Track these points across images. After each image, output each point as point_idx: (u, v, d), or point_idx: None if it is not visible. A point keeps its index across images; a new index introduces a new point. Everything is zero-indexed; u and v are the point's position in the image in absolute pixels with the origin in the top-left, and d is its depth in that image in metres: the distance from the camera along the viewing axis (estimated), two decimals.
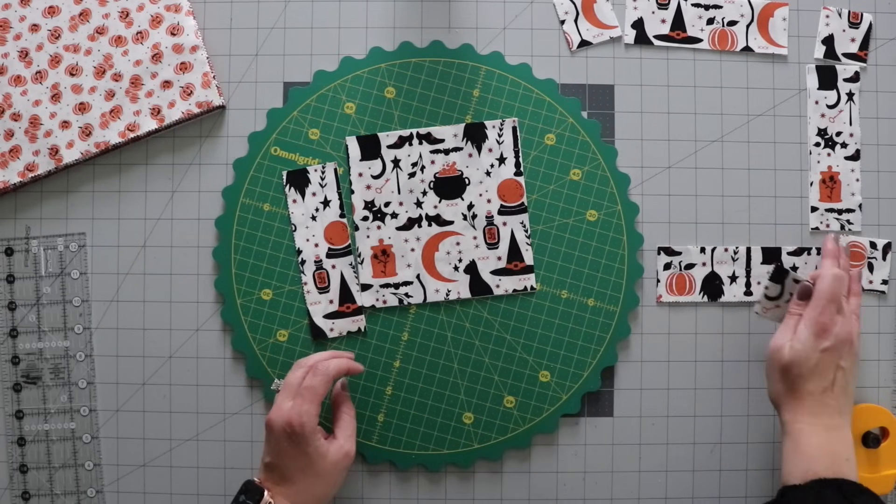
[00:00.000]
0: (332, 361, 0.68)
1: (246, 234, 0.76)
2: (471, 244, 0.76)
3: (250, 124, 0.78)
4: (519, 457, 0.77)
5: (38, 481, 0.76)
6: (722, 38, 0.78)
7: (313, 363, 0.68)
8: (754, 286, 0.77)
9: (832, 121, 0.78)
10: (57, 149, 0.75)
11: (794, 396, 0.66)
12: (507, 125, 0.77)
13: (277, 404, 0.66)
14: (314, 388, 0.66)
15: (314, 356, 0.70)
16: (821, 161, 0.78)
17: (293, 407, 0.65)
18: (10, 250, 0.77)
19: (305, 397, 0.66)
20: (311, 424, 0.65)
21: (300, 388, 0.66)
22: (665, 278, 0.77)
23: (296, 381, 0.67)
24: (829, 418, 0.65)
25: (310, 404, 0.66)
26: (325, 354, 0.70)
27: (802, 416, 0.65)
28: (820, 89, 0.78)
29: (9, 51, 0.76)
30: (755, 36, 0.78)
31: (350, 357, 0.73)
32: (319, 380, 0.67)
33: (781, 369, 0.66)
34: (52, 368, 0.76)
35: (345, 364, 0.69)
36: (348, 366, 0.70)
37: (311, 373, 0.67)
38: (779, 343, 0.67)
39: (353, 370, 0.71)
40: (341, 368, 0.69)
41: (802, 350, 0.65)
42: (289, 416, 0.65)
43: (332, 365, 0.68)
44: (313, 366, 0.68)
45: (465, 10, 0.79)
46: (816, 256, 0.78)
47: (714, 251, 0.77)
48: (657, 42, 0.78)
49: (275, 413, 0.66)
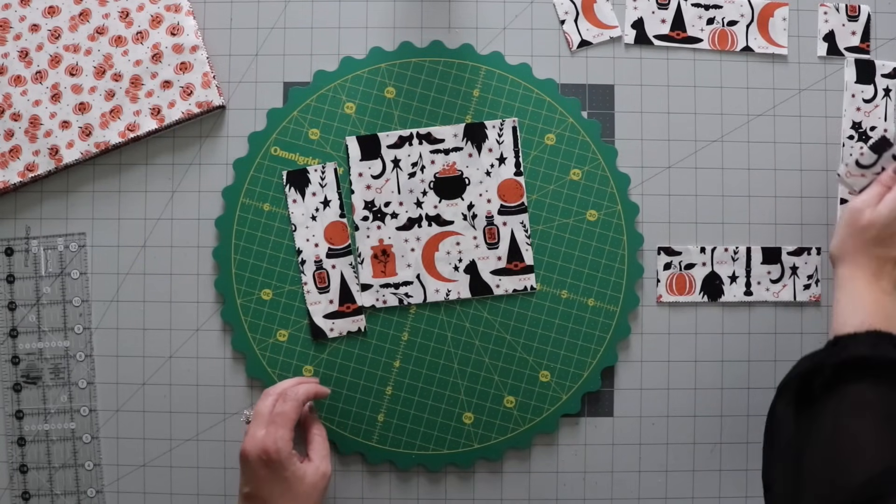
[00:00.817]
0: (300, 387, 0.69)
1: (246, 234, 0.76)
2: (471, 244, 0.76)
3: (250, 124, 0.78)
4: (519, 457, 0.77)
5: (38, 481, 0.76)
6: (722, 38, 0.78)
7: (282, 390, 0.69)
8: (754, 286, 0.77)
9: (867, 115, 0.78)
10: (57, 149, 0.75)
11: (860, 255, 0.66)
12: (507, 125, 0.77)
13: (251, 434, 0.66)
14: (286, 413, 0.67)
15: (282, 384, 0.70)
16: (853, 154, 0.78)
17: (267, 434, 0.65)
18: (10, 250, 0.77)
19: (278, 423, 0.66)
20: (286, 450, 0.66)
21: (272, 415, 0.67)
22: (665, 278, 0.77)
23: (266, 409, 0.67)
24: (888, 285, 0.66)
25: (283, 430, 0.66)
26: (292, 381, 0.71)
27: (864, 275, 0.66)
28: (857, 83, 0.78)
29: (9, 51, 0.76)
30: (755, 36, 0.78)
31: (316, 382, 0.73)
32: (290, 405, 0.67)
33: (859, 229, 0.67)
34: (52, 368, 0.76)
35: (313, 388, 0.70)
36: (316, 390, 0.71)
37: (281, 399, 0.68)
38: (861, 205, 0.67)
39: (320, 394, 0.72)
40: (309, 393, 0.70)
41: (886, 217, 0.66)
42: (263, 443, 0.65)
43: (301, 390, 0.69)
44: (282, 392, 0.68)
45: (465, 10, 0.79)
46: (817, 256, 0.78)
47: (714, 251, 0.77)
48: (657, 42, 0.78)
49: (249, 443, 0.66)
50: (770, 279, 0.77)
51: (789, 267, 0.77)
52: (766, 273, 0.77)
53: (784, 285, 0.77)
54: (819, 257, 0.78)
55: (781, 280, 0.77)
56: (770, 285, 0.77)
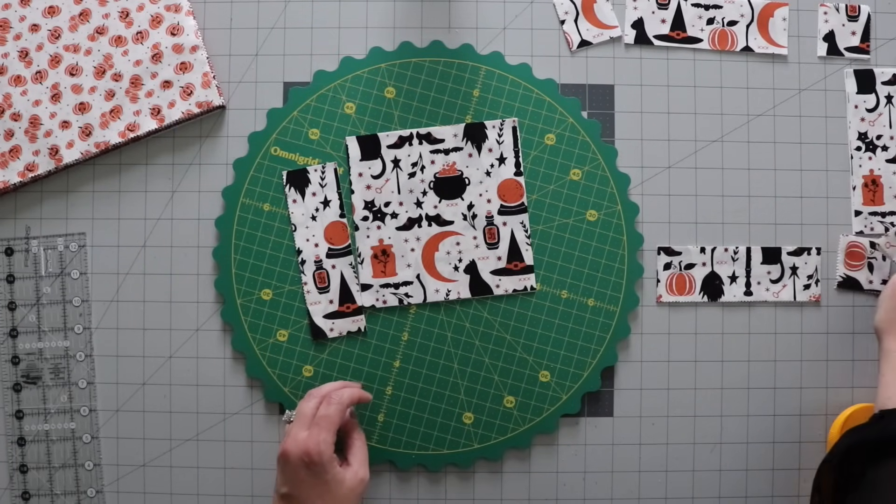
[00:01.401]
0: (345, 391, 0.69)
1: (246, 234, 0.76)
2: (471, 244, 0.76)
3: (250, 124, 0.78)
4: (519, 457, 0.77)
5: (38, 481, 0.76)
6: (722, 38, 0.78)
7: (326, 393, 0.69)
8: (754, 286, 0.77)
9: (872, 124, 0.78)
10: (57, 149, 0.75)
11: None
12: (507, 125, 0.77)
13: (292, 435, 0.66)
14: (330, 416, 0.67)
15: (326, 386, 0.71)
16: (862, 165, 0.78)
17: (310, 436, 0.66)
18: (10, 250, 0.77)
19: (322, 426, 0.66)
20: (328, 453, 0.66)
21: (316, 418, 0.67)
22: (665, 278, 0.77)
23: (309, 411, 0.67)
24: None
25: (326, 433, 0.66)
26: (337, 384, 0.71)
27: None
28: (859, 93, 0.78)
29: (9, 51, 0.76)
30: (755, 36, 0.78)
31: (359, 387, 0.73)
32: (335, 409, 0.67)
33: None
34: (52, 368, 0.76)
35: (357, 393, 0.71)
36: (360, 394, 0.71)
37: (326, 402, 0.68)
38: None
39: (363, 399, 0.72)
40: (354, 397, 0.70)
41: None
42: (306, 445, 0.65)
43: (346, 394, 0.69)
44: (327, 395, 0.68)
45: (465, 10, 0.79)
46: (817, 256, 0.78)
47: (714, 251, 0.77)
48: (657, 42, 0.78)
49: (290, 443, 0.66)
50: (770, 279, 0.77)
51: (789, 267, 0.77)
52: (767, 273, 0.77)
53: (784, 285, 0.77)
54: (819, 257, 0.77)
55: (782, 280, 0.77)
56: (770, 285, 0.77)
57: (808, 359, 0.77)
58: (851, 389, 0.77)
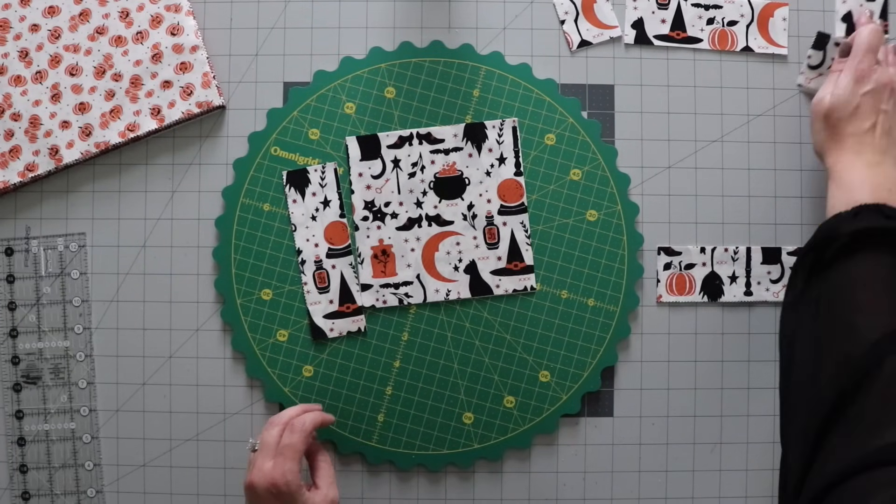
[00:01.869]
0: (306, 416, 0.69)
1: (246, 234, 0.76)
2: (471, 244, 0.76)
3: (250, 124, 0.78)
4: (519, 457, 0.77)
5: (38, 481, 0.76)
6: (722, 38, 0.78)
7: (287, 420, 0.68)
8: (754, 286, 0.77)
9: None
10: (57, 149, 0.75)
11: (836, 139, 0.68)
12: (507, 125, 0.77)
13: (258, 466, 0.66)
14: (293, 445, 0.66)
15: (287, 412, 0.70)
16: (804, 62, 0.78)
17: (275, 466, 0.65)
18: (10, 250, 0.77)
19: (286, 455, 0.66)
20: (295, 482, 0.65)
21: (279, 447, 0.66)
22: (665, 278, 0.77)
23: (273, 440, 0.67)
24: (871, 156, 0.67)
25: (291, 462, 0.66)
26: (297, 409, 0.71)
27: (844, 155, 0.67)
28: None
29: (9, 51, 0.76)
30: (755, 36, 0.78)
31: (320, 409, 0.73)
32: (297, 437, 0.67)
33: (824, 116, 0.69)
34: (52, 368, 0.76)
35: (318, 417, 0.70)
36: (322, 418, 0.71)
37: (289, 430, 0.67)
38: (821, 94, 0.70)
39: (325, 422, 0.72)
40: (316, 422, 0.69)
41: (843, 94, 0.68)
42: (272, 476, 0.65)
43: (308, 420, 0.68)
44: (288, 423, 0.68)
45: (465, 10, 0.79)
46: None
47: (714, 251, 0.77)
48: (657, 42, 0.78)
49: (256, 475, 0.65)
50: (770, 279, 0.77)
51: (789, 267, 0.77)
52: (767, 273, 0.77)
53: (784, 285, 0.77)
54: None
55: (781, 280, 0.77)
56: (770, 285, 0.77)
57: None
58: None
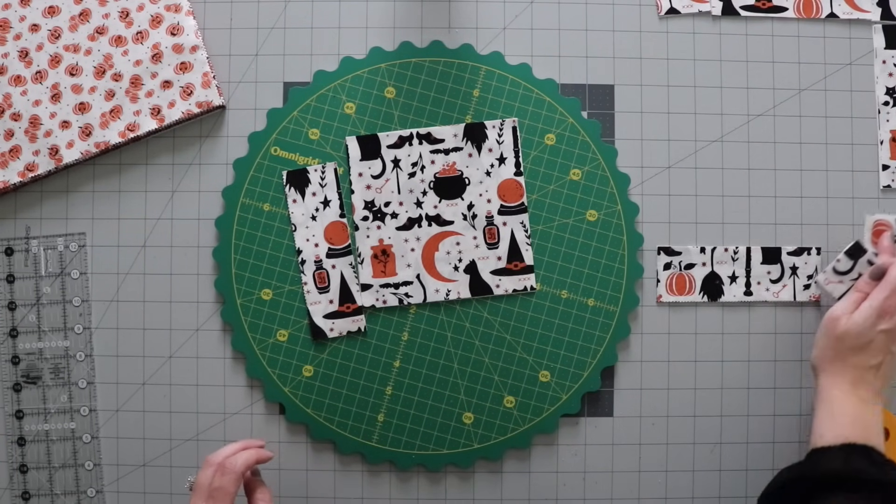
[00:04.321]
0: (239, 456, 0.68)
1: (246, 234, 0.76)
2: (471, 244, 0.76)
3: (250, 124, 0.78)
4: (519, 457, 0.77)
5: (38, 481, 0.76)
6: (807, 5, 0.78)
7: (221, 461, 0.67)
8: (754, 286, 0.77)
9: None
10: (57, 149, 0.75)
11: (839, 365, 0.67)
12: (507, 125, 0.77)
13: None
14: (224, 488, 0.66)
15: (223, 451, 0.69)
16: (890, 119, 0.78)
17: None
18: (10, 250, 0.77)
19: (217, 498, 0.66)
20: None
21: (210, 490, 0.66)
22: (665, 278, 0.77)
23: (206, 482, 0.66)
24: (867, 393, 0.66)
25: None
26: (233, 448, 0.69)
27: (842, 384, 0.67)
28: (887, 48, 0.78)
29: (9, 51, 0.76)
30: (840, 2, 0.78)
31: (260, 445, 0.72)
32: (228, 479, 0.66)
33: (835, 338, 0.68)
34: (52, 368, 0.76)
35: (253, 455, 0.69)
36: (257, 456, 0.70)
37: (220, 472, 0.67)
38: (838, 313, 0.68)
39: (261, 459, 0.70)
40: (249, 461, 0.68)
41: (862, 325, 0.67)
42: None
43: (240, 461, 0.68)
44: (221, 465, 0.67)
45: (465, 10, 0.79)
46: (817, 256, 0.78)
47: (714, 251, 0.77)
48: (743, 13, 0.78)
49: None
50: (770, 279, 0.77)
51: (789, 267, 0.77)
52: (767, 273, 0.77)
53: (784, 285, 0.77)
54: (819, 257, 0.77)
55: (782, 280, 0.77)
56: (770, 285, 0.77)
57: (807, 359, 0.77)
58: None
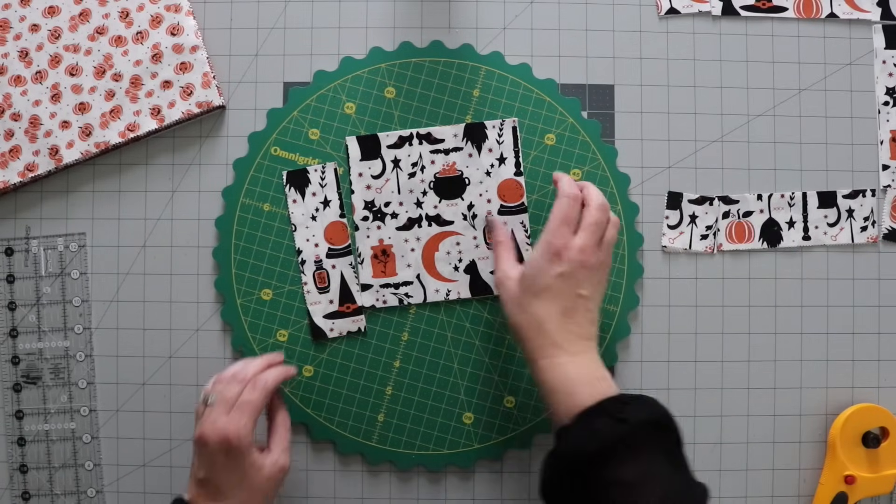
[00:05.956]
0: (269, 373, 0.67)
1: (246, 234, 0.76)
2: (471, 244, 0.76)
3: (250, 124, 0.78)
4: (519, 457, 0.77)
5: (38, 481, 0.76)
6: (807, 5, 0.78)
7: (251, 376, 0.67)
8: (812, 230, 0.77)
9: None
10: (57, 149, 0.75)
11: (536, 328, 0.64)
12: (507, 125, 0.77)
13: (211, 419, 0.64)
14: (253, 402, 0.65)
15: (250, 367, 0.68)
16: (890, 119, 0.78)
17: (230, 421, 0.64)
18: (10, 250, 0.77)
19: (244, 410, 0.65)
20: (247, 439, 0.64)
21: (238, 402, 0.65)
22: (724, 227, 0.77)
23: (232, 396, 0.65)
24: (573, 345, 0.64)
25: (248, 418, 0.64)
26: (259, 364, 0.69)
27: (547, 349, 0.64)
28: (888, 48, 0.78)
29: (9, 51, 0.76)
30: (840, 2, 0.78)
31: (281, 359, 0.72)
32: (258, 395, 0.66)
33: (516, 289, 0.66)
34: (52, 368, 0.76)
35: (282, 372, 0.69)
36: (284, 373, 0.69)
37: (251, 386, 0.66)
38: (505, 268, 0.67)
39: (287, 376, 0.70)
40: (278, 378, 0.68)
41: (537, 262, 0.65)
42: (225, 430, 0.64)
43: (271, 377, 0.67)
44: (253, 380, 0.66)
45: (465, 10, 0.79)
46: (873, 199, 0.78)
47: (771, 197, 0.77)
48: (743, 13, 0.78)
49: (208, 428, 0.64)
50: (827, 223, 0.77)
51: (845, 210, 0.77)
52: (824, 217, 0.77)
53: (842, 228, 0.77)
54: (874, 199, 0.77)
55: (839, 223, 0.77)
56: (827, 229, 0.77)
57: (807, 359, 0.77)
58: (851, 389, 0.77)
